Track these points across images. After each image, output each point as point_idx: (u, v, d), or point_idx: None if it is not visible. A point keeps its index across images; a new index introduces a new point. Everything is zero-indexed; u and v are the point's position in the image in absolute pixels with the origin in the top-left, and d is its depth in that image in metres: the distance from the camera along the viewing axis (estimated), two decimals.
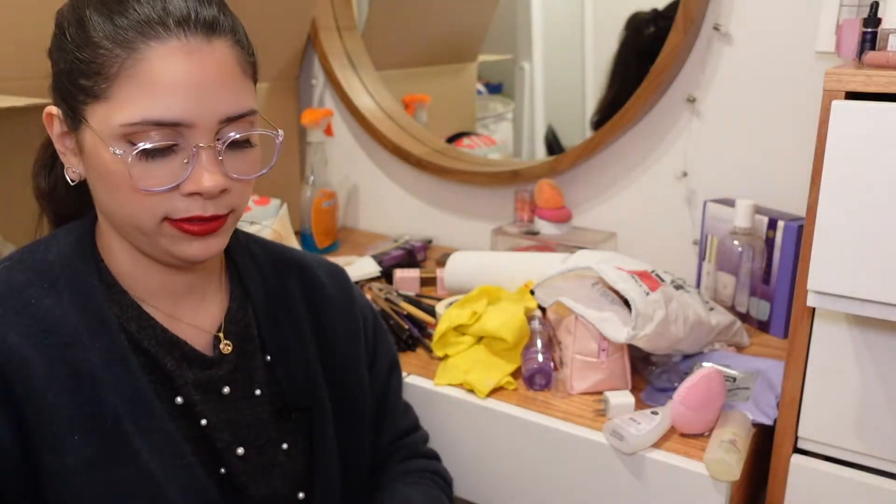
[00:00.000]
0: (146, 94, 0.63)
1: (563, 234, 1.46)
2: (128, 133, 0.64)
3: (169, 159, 0.65)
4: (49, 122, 0.71)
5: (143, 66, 0.63)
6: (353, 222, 1.90)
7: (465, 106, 2.05)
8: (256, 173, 0.71)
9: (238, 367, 0.78)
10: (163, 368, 0.73)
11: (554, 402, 1.05)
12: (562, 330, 1.10)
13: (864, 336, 0.88)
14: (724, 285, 1.30)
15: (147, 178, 0.65)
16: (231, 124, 0.67)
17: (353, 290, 0.93)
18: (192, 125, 0.65)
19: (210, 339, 0.78)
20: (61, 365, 0.67)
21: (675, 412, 0.96)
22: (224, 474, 0.75)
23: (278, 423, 0.80)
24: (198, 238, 0.69)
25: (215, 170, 0.66)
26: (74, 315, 0.69)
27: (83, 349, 0.68)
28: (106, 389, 0.68)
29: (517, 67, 1.96)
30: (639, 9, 1.57)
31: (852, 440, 0.90)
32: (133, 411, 0.69)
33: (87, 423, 0.67)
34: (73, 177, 0.72)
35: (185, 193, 0.66)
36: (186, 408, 0.74)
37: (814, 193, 0.83)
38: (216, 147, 0.66)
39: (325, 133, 1.70)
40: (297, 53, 1.75)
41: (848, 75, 0.79)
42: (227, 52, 0.67)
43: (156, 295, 0.75)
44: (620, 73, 1.64)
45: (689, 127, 1.38)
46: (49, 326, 0.68)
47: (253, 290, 0.82)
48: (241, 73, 0.68)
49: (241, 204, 0.71)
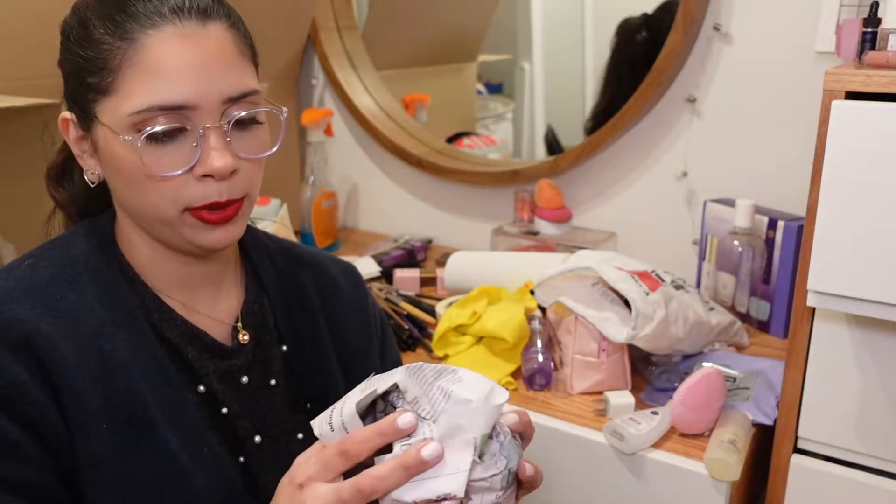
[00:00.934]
0: (149, 81, 0.66)
1: (563, 234, 1.46)
2: (136, 122, 0.66)
3: (178, 144, 0.67)
4: (65, 127, 0.73)
5: (143, 54, 0.66)
6: (353, 222, 1.90)
7: (465, 106, 2.05)
8: (265, 152, 0.73)
9: (256, 357, 0.80)
10: (185, 358, 0.75)
11: (554, 402, 1.05)
12: (562, 330, 1.10)
13: (864, 336, 0.88)
14: (724, 285, 1.30)
15: (159, 164, 0.67)
16: (235, 104, 0.69)
17: (365, 289, 0.94)
18: (197, 107, 0.67)
19: (228, 329, 0.80)
20: (90, 354, 0.68)
21: (675, 412, 0.96)
22: (243, 462, 0.77)
23: (293, 413, 0.81)
24: (217, 226, 0.71)
25: (224, 150, 0.68)
26: (100, 308, 0.71)
27: (110, 339, 0.70)
28: (134, 378, 0.70)
29: (517, 67, 1.96)
30: (633, 13, 1.57)
31: (852, 440, 0.90)
32: (160, 400, 0.70)
33: (115, 412, 0.68)
34: (92, 178, 0.74)
35: (197, 176, 0.68)
36: (209, 396, 0.75)
37: (814, 193, 0.83)
38: (223, 127, 0.68)
39: (325, 133, 1.70)
40: (297, 53, 1.75)
41: (848, 75, 0.79)
42: (222, 34, 0.69)
43: (174, 287, 0.77)
44: (614, 80, 1.65)
45: (689, 127, 1.38)
46: (76, 319, 0.69)
47: (267, 281, 0.84)
48: (240, 55, 0.70)
49: (253, 187, 0.73)
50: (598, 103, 1.70)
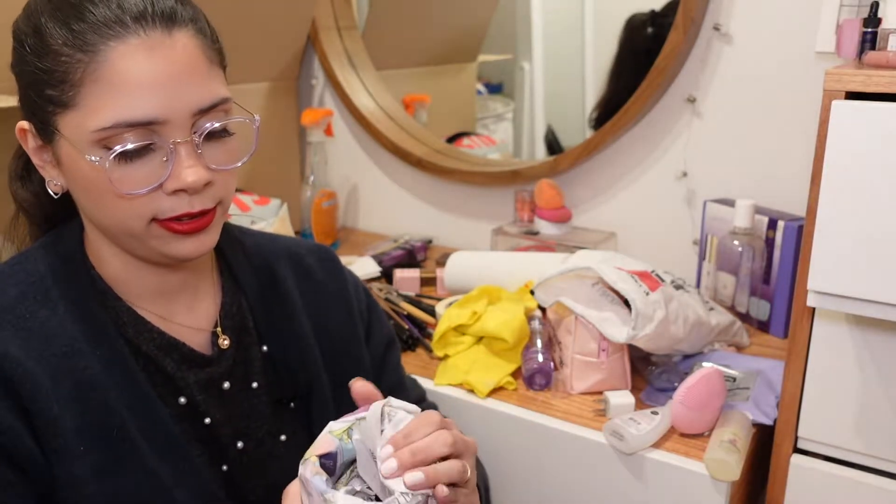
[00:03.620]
0: (115, 97, 0.62)
1: (563, 234, 1.46)
2: (102, 138, 0.63)
3: (148, 160, 0.64)
4: (23, 136, 0.70)
5: (107, 68, 0.62)
6: (353, 222, 1.90)
7: (465, 106, 2.05)
8: (238, 162, 0.70)
9: (237, 361, 0.78)
10: (163, 371, 0.73)
11: (554, 402, 1.05)
12: (562, 330, 1.10)
13: (864, 336, 0.88)
14: (724, 285, 1.30)
15: (128, 182, 0.64)
16: (205, 115, 0.66)
17: (342, 272, 0.91)
18: (166, 122, 0.64)
19: (207, 336, 0.78)
20: (63, 375, 0.66)
21: (675, 412, 0.96)
22: (226, 471, 0.75)
23: (276, 414, 0.80)
24: (189, 236, 0.68)
25: (196, 163, 0.65)
26: (71, 325, 0.68)
27: (83, 357, 0.68)
28: (109, 396, 0.68)
29: (517, 67, 1.96)
30: (637, 10, 1.57)
31: (852, 440, 0.90)
32: (137, 416, 0.69)
33: (92, 432, 0.66)
34: (55, 189, 0.70)
35: (168, 192, 0.65)
36: (190, 408, 0.74)
37: (814, 193, 0.83)
38: (193, 140, 0.65)
39: (325, 133, 1.70)
40: (297, 53, 1.75)
41: (848, 75, 0.79)
42: (189, 42, 0.65)
43: (149, 298, 0.75)
44: (619, 73, 1.65)
45: (689, 127, 1.38)
46: (47, 338, 0.67)
47: (244, 281, 0.82)
48: (208, 62, 0.67)
49: (227, 195, 0.70)
50: (603, 95, 1.70)
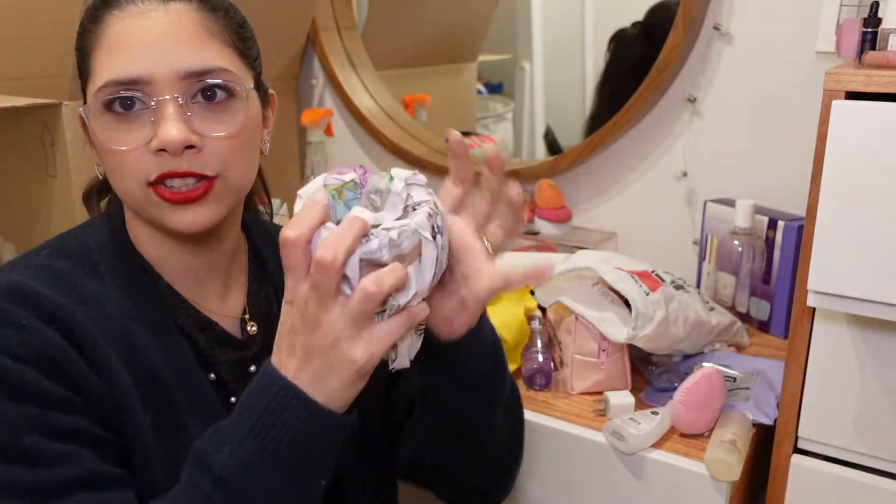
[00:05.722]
0: (108, 58, 0.68)
1: (563, 234, 1.46)
2: (101, 100, 0.68)
3: (139, 121, 0.68)
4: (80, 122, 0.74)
5: (106, 35, 0.68)
6: None
7: (465, 106, 2.05)
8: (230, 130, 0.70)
9: (265, 347, 0.80)
10: (196, 346, 0.76)
11: (554, 402, 1.05)
12: (562, 330, 1.10)
13: (864, 336, 0.88)
14: (724, 285, 1.29)
15: (117, 139, 0.68)
16: (197, 82, 0.68)
17: None
18: (150, 81, 0.67)
19: (236, 322, 0.80)
20: (114, 336, 0.69)
21: (675, 412, 0.96)
22: None
23: None
24: (181, 206, 0.69)
25: (178, 121, 0.67)
26: (118, 295, 0.71)
27: (132, 321, 0.71)
28: (156, 362, 0.70)
29: (517, 67, 1.96)
30: (630, 15, 1.57)
31: (852, 440, 0.90)
32: (180, 383, 0.71)
33: (144, 392, 0.69)
34: (99, 171, 0.75)
35: (153, 151, 0.67)
36: (219, 384, 0.76)
37: (814, 193, 0.83)
38: (177, 100, 0.68)
39: (325, 133, 1.70)
40: (297, 53, 1.75)
41: (848, 75, 0.79)
42: (184, 12, 0.69)
43: (182, 279, 0.77)
44: (604, 87, 1.66)
45: (689, 127, 1.38)
46: (97, 304, 0.70)
47: (272, 268, 0.84)
48: (205, 32, 0.69)
49: (225, 167, 0.70)
50: (593, 110, 1.71)
